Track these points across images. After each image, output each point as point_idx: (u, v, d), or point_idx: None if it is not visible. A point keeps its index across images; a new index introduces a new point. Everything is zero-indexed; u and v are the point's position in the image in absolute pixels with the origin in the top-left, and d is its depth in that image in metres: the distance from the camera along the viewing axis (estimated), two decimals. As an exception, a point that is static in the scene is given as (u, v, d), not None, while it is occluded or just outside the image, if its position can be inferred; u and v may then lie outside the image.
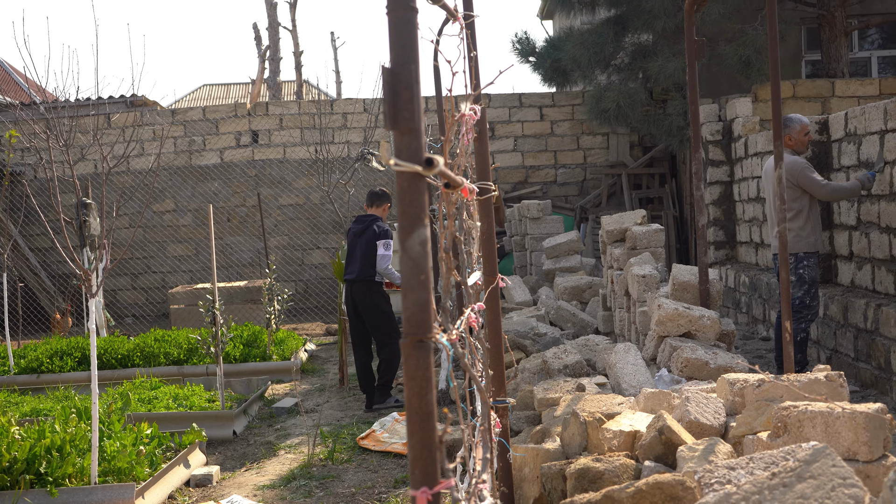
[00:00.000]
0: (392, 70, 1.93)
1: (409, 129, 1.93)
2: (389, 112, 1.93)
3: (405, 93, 1.92)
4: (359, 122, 17.78)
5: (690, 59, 6.72)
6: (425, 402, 1.94)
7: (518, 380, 6.95)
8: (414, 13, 1.95)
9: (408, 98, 1.91)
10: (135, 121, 17.46)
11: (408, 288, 1.95)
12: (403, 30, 1.94)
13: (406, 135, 1.93)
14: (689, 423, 4.25)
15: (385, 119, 1.93)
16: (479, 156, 4.13)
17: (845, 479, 2.72)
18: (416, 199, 1.94)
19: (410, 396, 1.95)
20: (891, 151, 7.85)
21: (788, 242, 7.68)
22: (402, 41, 1.94)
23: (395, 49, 1.94)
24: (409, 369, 1.94)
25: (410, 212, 1.94)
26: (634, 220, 8.78)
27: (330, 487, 6.23)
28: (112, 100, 18.87)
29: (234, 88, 41.49)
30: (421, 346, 1.94)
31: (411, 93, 1.92)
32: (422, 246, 1.93)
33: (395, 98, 1.93)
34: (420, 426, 1.95)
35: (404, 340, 1.94)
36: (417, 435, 1.95)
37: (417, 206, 1.94)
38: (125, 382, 9.10)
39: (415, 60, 1.94)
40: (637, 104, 14.99)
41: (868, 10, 15.11)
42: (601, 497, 3.32)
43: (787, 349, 4.83)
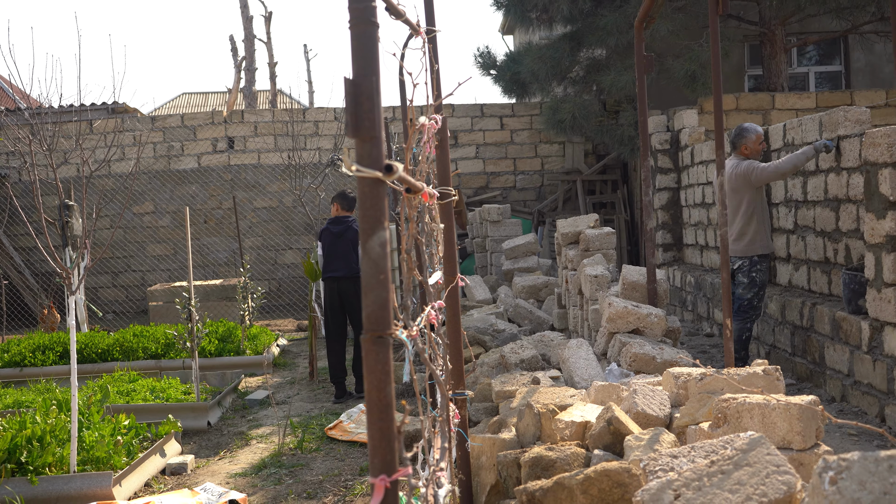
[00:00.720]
0: (354, 81, 1.93)
1: (371, 138, 1.92)
2: (351, 121, 1.92)
3: (366, 103, 1.92)
4: (330, 129, 17.74)
5: (640, 74, 6.76)
6: (384, 394, 1.94)
7: (477, 373, 6.96)
8: (375, 28, 1.95)
9: (369, 108, 1.91)
10: (116, 127, 17.33)
11: (368, 287, 1.95)
12: (365, 43, 1.94)
13: (367, 143, 1.93)
14: (637, 415, 4.27)
15: (347, 128, 1.92)
16: (441, 162, 4.13)
17: (779, 467, 2.75)
18: (377, 203, 1.94)
19: (370, 389, 1.95)
20: (825, 161, 7.94)
21: (744, 246, 7.78)
22: (364, 54, 1.94)
23: (357, 61, 1.94)
24: (369, 363, 1.94)
25: (371, 215, 1.93)
26: (588, 224, 8.82)
27: (299, 475, 6.20)
28: (94, 106, 18.72)
29: (213, 97, 41.24)
30: (380, 342, 1.94)
31: (372, 103, 1.92)
32: (381, 247, 1.93)
33: (357, 108, 1.92)
34: (379, 417, 1.95)
35: (364, 336, 1.94)
36: (377, 426, 1.95)
37: (378, 210, 1.94)
38: (105, 376, 9.03)
39: (375, 72, 1.94)
40: (591, 115, 15.05)
41: (806, 28, 15.27)
42: (552, 484, 3.33)
43: (727, 345, 4.88)
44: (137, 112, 19.54)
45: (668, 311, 11.62)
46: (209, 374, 9.80)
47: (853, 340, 6.88)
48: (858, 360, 6.79)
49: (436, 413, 3.40)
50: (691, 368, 4.72)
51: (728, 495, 2.66)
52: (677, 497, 2.66)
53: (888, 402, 6.31)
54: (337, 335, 8.75)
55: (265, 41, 26.21)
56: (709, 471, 2.74)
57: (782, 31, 14.22)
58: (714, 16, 4.80)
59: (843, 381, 7.08)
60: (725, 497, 2.66)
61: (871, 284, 6.53)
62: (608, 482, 3.29)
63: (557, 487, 3.31)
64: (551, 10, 14.04)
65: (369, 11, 1.94)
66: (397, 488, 1.97)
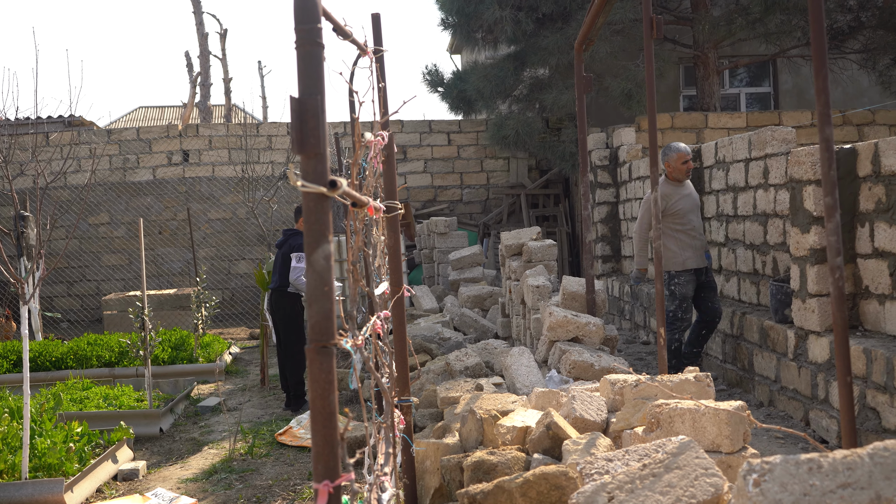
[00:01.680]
0: (300, 100, 1.92)
1: (315, 154, 1.92)
2: (297, 138, 1.91)
3: (311, 120, 1.91)
4: (283, 143, 17.63)
5: (579, 93, 6.82)
6: (328, 402, 1.93)
7: (423, 380, 6.95)
8: (320, 48, 1.95)
9: (314, 125, 1.91)
10: (72, 139, 17.07)
11: (313, 298, 1.94)
12: (310, 63, 1.94)
13: (312, 159, 1.92)
14: (575, 420, 4.29)
15: (292, 144, 1.92)
16: (387, 177, 4.12)
17: (707, 470, 2.78)
18: (321, 217, 1.93)
19: (314, 398, 1.94)
20: (754, 177, 8.07)
21: (663, 260, 7.86)
22: (310, 73, 1.93)
23: (303, 80, 1.93)
24: (313, 373, 1.93)
25: (315, 229, 1.93)
26: (530, 236, 8.86)
27: (249, 480, 6.14)
28: (51, 119, 18.43)
29: (169, 111, 40.78)
30: (324, 352, 1.93)
31: (317, 121, 1.91)
32: (325, 260, 1.92)
33: (303, 125, 1.92)
34: (323, 424, 1.93)
35: (309, 346, 1.93)
36: (321, 433, 1.94)
37: (322, 224, 1.93)
38: (58, 384, 8.86)
39: (321, 91, 1.94)
40: (534, 132, 15.15)
41: (738, 51, 15.54)
42: (493, 487, 3.34)
43: (661, 353, 4.92)
44: (94, 125, 19.27)
45: (606, 321, 11.72)
46: (162, 382, 9.68)
47: (780, 348, 6.99)
48: (785, 367, 6.90)
49: (381, 419, 3.40)
50: (627, 375, 4.76)
51: (659, 497, 2.69)
52: (611, 499, 2.68)
53: (812, 406, 6.42)
54: (282, 345, 8.69)
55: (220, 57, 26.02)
56: (641, 474, 2.77)
57: (715, 54, 14.45)
58: (649, 39, 4.86)
59: (770, 387, 7.18)
60: (656, 499, 2.68)
61: (797, 295, 6.64)
62: (546, 485, 3.31)
63: (497, 490, 3.31)
64: (496, 31, 14.12)
65: (315, 33, 1.94)
66: (340, 493, 1.96)
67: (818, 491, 2.20)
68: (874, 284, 5.92)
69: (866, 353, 5.56)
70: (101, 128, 19.50)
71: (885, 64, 14.13)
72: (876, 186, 5.82)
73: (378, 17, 4.12)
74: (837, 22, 14.12)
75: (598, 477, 3.08)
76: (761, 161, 7.91)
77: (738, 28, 13.44)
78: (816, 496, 2.19)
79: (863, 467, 2.23)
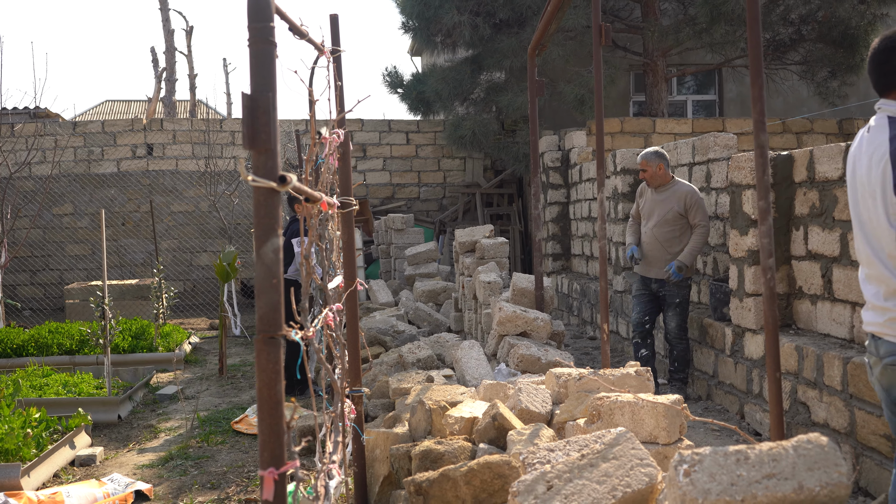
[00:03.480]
0: (252, 97, 1.91)
1: (266, 150, 1.91)
2: (248, 134, 1.90)
3: (263, 117, 1.90)
4: (245, 139, 17.47)
5: (532, 97, 6.85)
6: (275, 392, 1.92)
7: (376, 371, 6.93)
8: (272, 46, 1.93)
9: (265, 122, 1.89)
10: (37, 131, 16.79)
11: (261, 290, 1.93)
12: (263, 61, 1.92)
13: (263, 154, 1.91)
14: (521, 411, 4.31)
15: (244, 140, 1.90)
16: (343, 174, 4.11)
17: (642, 460, 2.81)
18: (271, 211, 1.92)
19: (261, 387, 1.92)
20: (697, 181, 8.16)
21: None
22: (262, 71, 1.92)
23: (255, 78, 1.92)
24: (261, 363, 1.92)
25: (265, 223, 1.92)
26: (483, 234, 8.89)
27: (204, 466, 6.08)
28: (16, 111, 18.10)
29: (135, 105, 40.25)
30: (272, 342, 1.92)
31: (268, 117, 1.90)
32: (275, 253, 1.91)
33: (254, 121, 1.90)
34: (269, 413, 1.93)
35: (257, 337, 1.92)
36: (267, 421, 1.93)
37: (272, 218, 1.92)
38: (18, 370, 8.70)
39: (272, 88, 1.92)
40: (490, 133, 15.17)
41: (685, 60, 15.68)
42: (438, 475, 3.34)
43: (604, 348, 4.96)
44: (59, 117, 18.95)
45: (555, 316, 11.78)
46: (122, 370, 9.55)
47: (718, 345, 7.08)
48: (722, 363, 6.98)
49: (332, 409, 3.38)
50: (572, 369, 4.79)
51: (596, 486, 2.71)
52: (549, 488, 2.70)
53: (747, 400, 6.51)
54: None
55: (186, 54, 25.73)
56: (580, 463, 2.79)
57: (664, 62, 14.58)
58: (598, 46, 4.89)
59: (708, 382, 7.27)
60: (593, 487, 2.70)
61: (734, 294, 6.73)
62: (490, 474, 3.32)
63: (443, 478, 3.32)
64: (454, 35, 14.12)
65: (267, 31, 1.93)
66: (285, 480, 1.96)
67: (745, 481, 2.23)
68: (807, 285, 6.02)
69: (798, 351, 5.65)
70: (66, 120, 19.20)
71: (823, 76, 14.37)
72: (811, 192, 5.92)
73: (336, 18, 4.11)
74: (780, 34, 14.32)
75: (539, 466, 3.09)
76: (704, 165, 8.00)
77: (685, 37, 13.57)
78: (743, 486, 2.22)
79: (787, 459, 2.26)
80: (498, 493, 3.32)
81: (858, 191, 3.06)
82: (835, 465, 2.25)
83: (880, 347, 3.04)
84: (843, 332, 5.60)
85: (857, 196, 3.08)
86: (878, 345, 3.05)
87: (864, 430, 4.93)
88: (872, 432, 4.85)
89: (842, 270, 5.55)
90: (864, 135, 3.09)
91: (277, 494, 1.92)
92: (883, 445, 4.75)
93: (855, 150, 3.13)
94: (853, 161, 3.12)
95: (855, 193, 3.10)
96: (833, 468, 2.24)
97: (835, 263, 5.64)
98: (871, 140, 2.99)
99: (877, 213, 2.94)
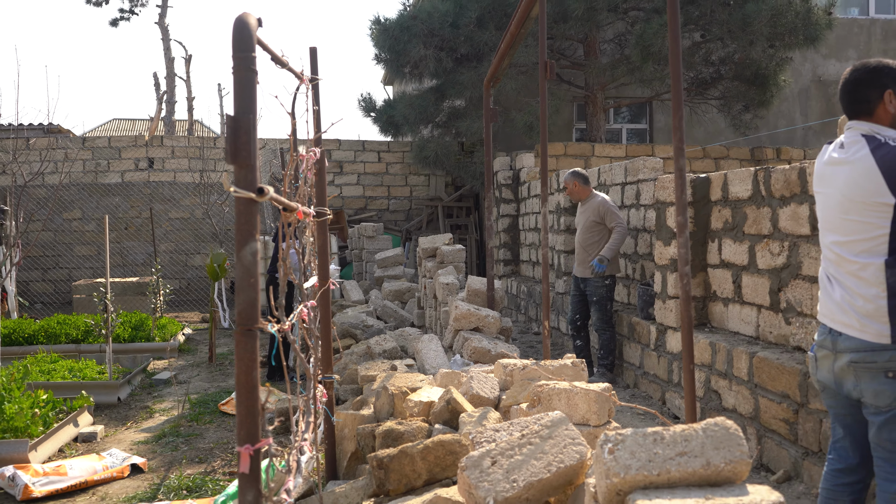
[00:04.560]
0: (235, 118, 1.89)
1: (246, 165, 1.89)
2: (231, 150, 1.88)
3: (244, 136, 1.88)
4: (236, 155, 17.30)
5: (487, 123, 6.87)
6: (251, 377, 1.91)
7: (346, 360, 6.90)
8: (253, 74, 1.92)
9: (245, 140, 1.88)
10: (49, 144, 16.50)
11: (240, 288, 1.91)
12: (245, 87, 1.91)
13: (244, 168, 1.90)
14: (472, 396, 4.31)
15: (226, 155, 1.89)
16: (318, 187, 4.09)
17: (574, 440, 2.82)
18: (250, 219, 1.90)
19: (239, 373, 1.91)
20: (628, 198, 8.23)
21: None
22: (244, 95, 1.91)
23: (238, 101, 1.90)
24: (239, 352, 1.90)
25: (245, 229, 1.90)
26: (444, 242, 8.87)
27: (193, 443, 6.01)
28: (31, 126, 17.79)
29: (139, 123, 39.74)
30: (249, 334, 1.90)
31: (248, 136, 1.89)
32: (252, 256, 1.90)
33: (237, 140, 1.89)
34: (246, 396, 1.91)
35: (236, 329, 1.90)
36: (244, 403, 1.91)
37: (250, 224, 1.91)
38: (29, 357, 8.55)
39: (253, 111, 1.91)
40: (451, 154, 15.19)
41: (621, 93, 15.82)
42: (398, 452, 3.33)
43: (545, 342, 4.98)
44: (70, 133, 18.66)
45: (504, 314, 11.78)
46: (122, 357, 9.43)
47: (644, 340, 7.14)
48: (647, 356, 7.05)
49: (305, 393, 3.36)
50: (517, 360, 4.80)
51: (534, 461, 2.72)
52: (493, 463, 2.70)
53: (668, 388, 6.57)
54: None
55: (185, 79, 25.50)
56: (520, 442, 2.80)
57: (602, 95, 14.70)
58: (543, 80, 4.92)
59: (636, 372, 7.33)
60: (532, 463, 2.71)
61: (659, 297, 6.79)
62: (442, 450, 3.31)
63: (401, 455, 3.31)
64: (421, 67, 14.12)
65: (249, 60, 1.92)
66: (260, 455, 1.94)
67: (660, 458, 2.25)
68: (721, 289, 6.09)
69: (712, 346, 5.72)
70: (76, 135, 18.91)
71: (738, 109, 14.57)
72: (724, 209, 6.00)
73: (315, 51, 4.09)
74: (702, 73, 14.49)
75: (486, 444, 3.09)
76: (635, 185, 8.07)
77: (620, 74, 13.70)
78: (659, 462, 2.24)
79: (697, 439, 2.29)
80: (450, 467, 3.32)
81: (835, 198, 2.97)
82: (738, 444, 2.28)
83: (839, 343, 2.94)
84: (749, 331, 5.68)
85: (832, 202, 2.98)
86: (837, 339, 2.95)
87: (767, 414, 5.00)
88: (773, 417, 4.92)
89: (750, 277, 5.63)
90: (837, 150, 3.02)
91: (253, 468, 1.91)
92: (782, 428, 4.82)
93: (827, 164, 3.05)
94: (827, 173, 3.04)
95: (828, 200, 3.01)
96: (736, 447, 2.27)
97: (744, 271, 5.72)
98: (848, 155, 2.92)
99: (858, 215, 2.87)
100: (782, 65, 13.85)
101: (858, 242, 2.88)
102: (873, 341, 2.84)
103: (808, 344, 4.91)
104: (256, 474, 1.91)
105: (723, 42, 13.54)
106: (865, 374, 2.87)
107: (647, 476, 2.22)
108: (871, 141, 2.88)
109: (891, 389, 2.81)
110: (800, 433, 4.64)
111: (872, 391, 2.85)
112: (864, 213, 2.85)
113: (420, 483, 3.35)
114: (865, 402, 2.90)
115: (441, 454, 3.28)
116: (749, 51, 13.30)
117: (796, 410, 4.68)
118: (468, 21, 13.41)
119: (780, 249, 5.23)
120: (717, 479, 2.24)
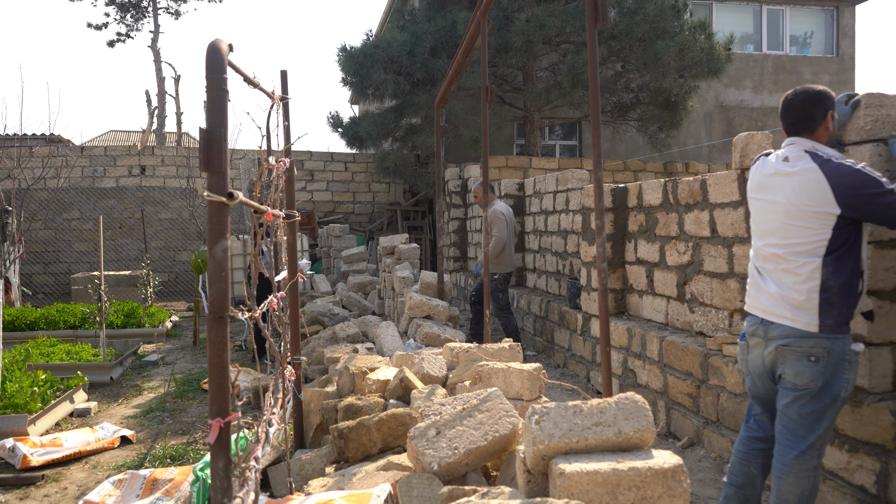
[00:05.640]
0: (208, 131, 1.86)
1: (218, 172, 1.86)
2: (204, 159, 1.85)
3: (216, 147, 1.85)
4: (219, 164, 17.01)
5: (437, 138, 6.86)
6: (222, 358, 1.87)
7: (314, 344, 6.83)
8: (224, 93, 1.89)
9: (217, 151, 1.85)
10: (50, 153, 16.03)
11: (212, 280, 1.88)
12: (217, 104, 1.88)
13: (216, 175, 1.87)
14: (423, 375, 4.30)
15: (200, 164, 1.85)
16: (288, 192, 4.04)
17: (508, 412, 2.84)
18: (221, 220, 1.87)
19: (211, 355, 1.88)
20: (559, 205, 8.29)
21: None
22: (216, 111, 1.88)
23: (210, 116, 1.87)
24: (211, 336, 1.87)
25: (216, 229, 1.87)
26: (401, 241, 8.83)
27: (177, 417, 5.89)
28: (34, 136, 17.29)
29: (134, 135, 38.83)
30: (220, 321, 1.87)
31: (220, 147, 1.85)
32: (223, 252, 1.86)
33: (209, 150, 1.86)
34: (217, 375, 1.88)
35: (209, 316, 1.87)
36: (216, 381, 1.88)
37: (222, 224, 1.87)
38: (30, 341, 8.30)
39: (224, 125, 1.88)
40: (408, 164, 15.13)
41: (555, 114, 15.92)
42: (356, 424, 3.31)
43: (486, 329, 4.99)
44: (69, 142, 18.17)
45: (453, 304, 11.80)
46: (115, 342, 9.21)
47: (572, 326, 7.21)
48: (575, 340, 7.11)
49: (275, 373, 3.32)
50: (462, 344, 4.81)
51: (473, 431, 2.72)
52: (438, 433, 2.70)
53: (592, 368, 6.64)
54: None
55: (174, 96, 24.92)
56: (461, 414, 2.80)
57: (538, 115, 14.77)
58: (485, 102, 4.92)
59: (565, 354, 7.39)
60: (471, 433, 2.72)
61: (584, 289, 6.86)
62: (395, 422, 3.30)
63: (359, 426, 3.29)
64: (382, 89, 14.03)
65: (221, 81, 1.88)
66: (230, 427, 1.91)
67: (579, 427, 2.27)
68: (637, 283, 6.17)
69: (628, 331, 5.79)
70: (75, 144, 18.45)
71: (653, 129, 14.77)
72: (639, 214, 6.08)
73: (285, 73, 4.04)
74: (623, 98, 14.65)
75: (433, 417, 3.09)
76: (564, 193, 8.14)
77: (554, 97, 13.77)
78: (578, 431, 2.26)
79: (610, 411, 2.31)
80: (401, 437, 3.31)
81: (781, 205, 2.89)
82: (644, 415, 2.31)
83: (771, 331, 2.92)
84: (660, 318, 5.76)
85: (777, 209, 2.91)
86: (769, 328, 2.92)
87: (674, 389, 5.08)
88: (679, 392, 5.00)
89: (660, 272, 5.71)
90: (781, 162, 2.94)
91: (223, 438, 1.88)
92: (686, 401, 4.90)
93: (772, 175, 2.96)
94: (771, 183, 2.95)
95: (772, 206, 2.93)
96: (643, 418, 2.30)
97: (656, 267, 5.80)
98: (796, 168, 2.85)
99: (804, 221, 2.81)
100: (690, 92, 14.07)
101: (800, 244, 2.84)
102: (803, 329, 2.83)
103: (710, 329, 5.00)
104: (227, 444, 1.88)
105: (640, 72, 13.70)
106: (791, 356, 2.86)
107: (568, 443, 2.24)
108: (815, 157, 2.83)
109: (810, 371, 2.81)
110: (701, 406, 4.73)
111: (794, 371, 2.84)
112: (809, 220, 2.81)
113: (375, 451, 3.33)
114: (785, 378, 2.88)
115: (394, 425, 3.27)
116: (662, 80, 13.49)
117: (698, 386, 4.76)
118: (423, 50, 13.38)
119: (686, 249, 5.32)
120: (628, 445, 2.27)
